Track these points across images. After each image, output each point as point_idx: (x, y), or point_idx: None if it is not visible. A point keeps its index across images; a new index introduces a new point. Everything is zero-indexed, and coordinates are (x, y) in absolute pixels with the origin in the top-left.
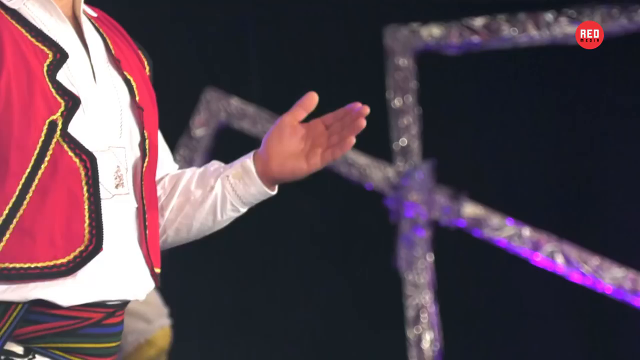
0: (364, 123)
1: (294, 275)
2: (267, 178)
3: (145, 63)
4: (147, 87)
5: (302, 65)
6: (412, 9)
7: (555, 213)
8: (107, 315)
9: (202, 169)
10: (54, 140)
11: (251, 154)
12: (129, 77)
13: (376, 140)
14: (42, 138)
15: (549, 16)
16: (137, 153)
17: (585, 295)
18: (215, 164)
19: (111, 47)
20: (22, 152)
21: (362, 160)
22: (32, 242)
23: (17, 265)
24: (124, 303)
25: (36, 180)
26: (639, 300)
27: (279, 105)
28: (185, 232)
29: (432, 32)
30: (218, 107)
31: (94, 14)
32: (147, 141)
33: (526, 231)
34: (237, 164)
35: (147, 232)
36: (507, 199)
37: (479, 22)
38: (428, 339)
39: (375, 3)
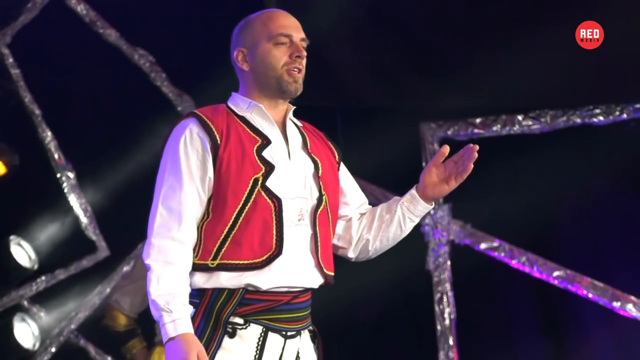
0: (476, 155)
1: (353, 277)
2: (425, 198)
3: (336, 153)
4: (332, 168)
5: (362, 148)
6: (437, 111)
7: (525, 236)
8: (293, 297)
9: (386, 203)
10: (256, 189)
11: (414, 186)
12: (316, 159)
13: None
14: (249, 188)
15: (519, 117)
16: (314, 202)
17: (541, 285)
18: (395, 198)
19: (308, 142)
20: (235, 196)
21: None
22: (240, 248)
23: (231, 262)
24: (304, 289)
25: (244, 213)
26: (572, 288)
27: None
28: (385, 241)
29: (449, 126)
30: None
31: (300, 124)
32: (323, 197)
33: (506, 246)
34: (407, 194)
35: (319, 248)
36: (495, 227)
37: (477, 120)
38: (447, 312)
39: (413, 106)
